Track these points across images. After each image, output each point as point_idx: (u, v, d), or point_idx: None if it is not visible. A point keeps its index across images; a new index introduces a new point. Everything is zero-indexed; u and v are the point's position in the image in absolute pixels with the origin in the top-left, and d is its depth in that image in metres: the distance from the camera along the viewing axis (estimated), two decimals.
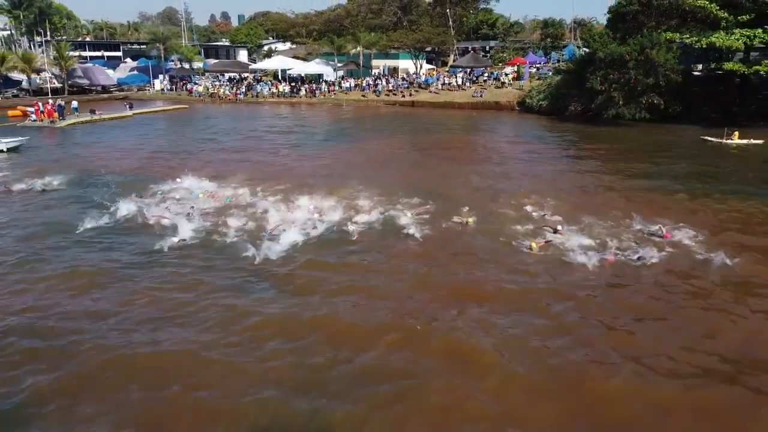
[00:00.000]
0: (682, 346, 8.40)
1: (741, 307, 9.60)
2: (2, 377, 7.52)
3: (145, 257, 11.68)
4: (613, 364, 7.97)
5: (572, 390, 7.36)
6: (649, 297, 10.04)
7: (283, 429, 6.65)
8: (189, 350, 8.18)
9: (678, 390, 7.34)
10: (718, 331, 8.88)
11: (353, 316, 9.31)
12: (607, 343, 8.56)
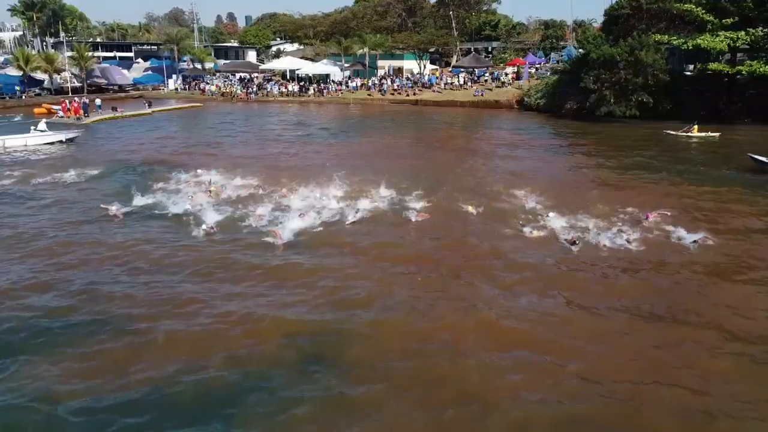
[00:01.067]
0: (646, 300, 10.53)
1: (698, 270, 11.71)
2: (109, 305, 9.69)
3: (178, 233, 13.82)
4: (575, 305, 10.10)
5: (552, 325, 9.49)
6: (632, 264, 11.87)
7: (308, 340, 8.74)
8: (233, 293, 10.33)
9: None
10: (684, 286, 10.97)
11: (361, 269, 11.45)
12: (587, 288, 10.69)
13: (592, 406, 7.11)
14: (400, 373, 7.79)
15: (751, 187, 19.15)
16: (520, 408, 7.09)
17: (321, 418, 6.86)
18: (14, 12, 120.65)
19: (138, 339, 8.63)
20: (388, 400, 7.20)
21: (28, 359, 8.03)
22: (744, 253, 12.41)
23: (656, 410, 6.98)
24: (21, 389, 7.32)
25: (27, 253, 12.19)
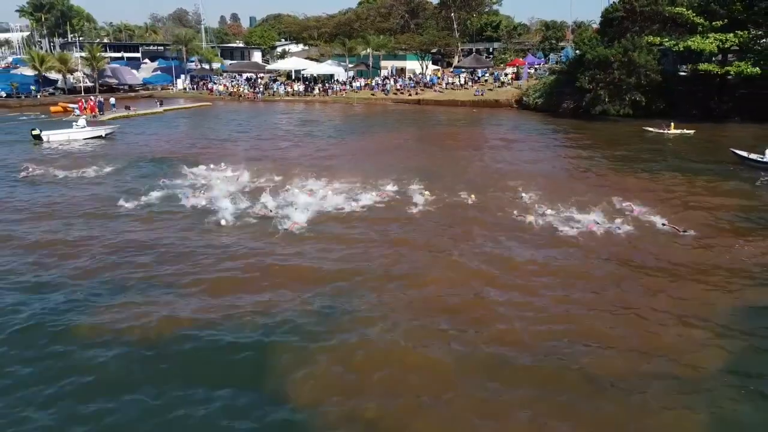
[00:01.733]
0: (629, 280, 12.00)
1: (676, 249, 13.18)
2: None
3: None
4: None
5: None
6: (618, 251, 13.34)
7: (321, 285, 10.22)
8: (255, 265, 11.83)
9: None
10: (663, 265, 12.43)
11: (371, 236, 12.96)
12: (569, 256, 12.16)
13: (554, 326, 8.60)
14: (399, 306, 9.28)
15: (731, 179, 20.76)
16: (503, 324, 8.59)
17: (336, 345, 8.34)
18: (23, 13, 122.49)
19: (191, 288, 10.19)
20: (386, 322, 8.69)
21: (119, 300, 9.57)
22: (712, 233, 13.87)
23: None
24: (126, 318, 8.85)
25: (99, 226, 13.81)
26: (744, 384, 7.69)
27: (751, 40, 34.60)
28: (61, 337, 8.80)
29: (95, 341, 8.66)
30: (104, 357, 8.23)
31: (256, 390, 7.51)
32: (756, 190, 19.51)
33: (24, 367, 8.03)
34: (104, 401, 7.23)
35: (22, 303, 9.93)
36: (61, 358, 8.27)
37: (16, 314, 9.53)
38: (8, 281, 10.88)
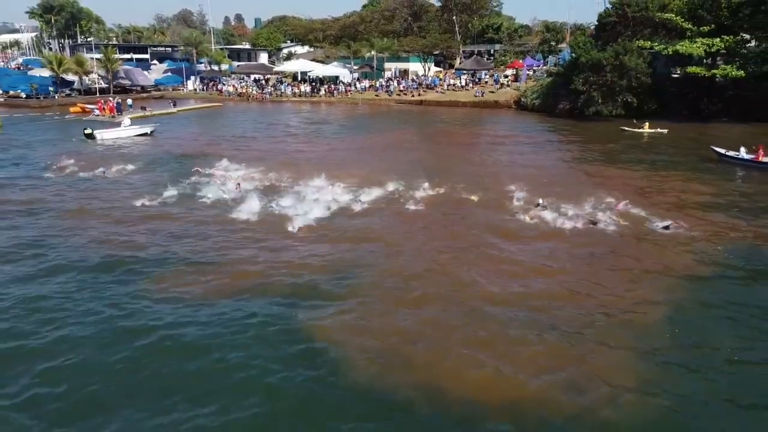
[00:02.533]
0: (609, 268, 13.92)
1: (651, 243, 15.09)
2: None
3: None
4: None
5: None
6: (598, 239, 15.25)
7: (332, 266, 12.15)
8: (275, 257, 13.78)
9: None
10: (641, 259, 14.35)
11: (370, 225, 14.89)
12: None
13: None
14: (398, 283, 11.24)
15: (708, 173, 22.71)
16: (492, 289, 10.52)
17: (344, 308, 10.29)
18: (32, 15, 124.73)
19: (228, 268, 12.15)
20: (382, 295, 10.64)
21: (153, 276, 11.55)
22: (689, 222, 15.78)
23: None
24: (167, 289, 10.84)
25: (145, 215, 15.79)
26: (675, 334, 9.63)
27: (737, 44, 36.40)
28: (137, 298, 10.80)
29: (161, 302, 10.65)
30: (173, 317, 10.21)
31: (288, 333, 9.47)
32: (728, 184, 21.37)
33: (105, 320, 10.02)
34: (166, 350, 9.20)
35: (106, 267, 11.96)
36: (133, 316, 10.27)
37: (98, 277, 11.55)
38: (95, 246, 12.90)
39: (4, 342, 9.21)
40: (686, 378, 8.33)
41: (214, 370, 8.47)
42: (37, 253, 13.11)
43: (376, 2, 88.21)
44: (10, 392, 7.92)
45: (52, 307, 10.44)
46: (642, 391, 7.94)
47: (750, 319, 10.15)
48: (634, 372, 8.42)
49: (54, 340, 9.27)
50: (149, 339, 9.28)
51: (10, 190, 19.35)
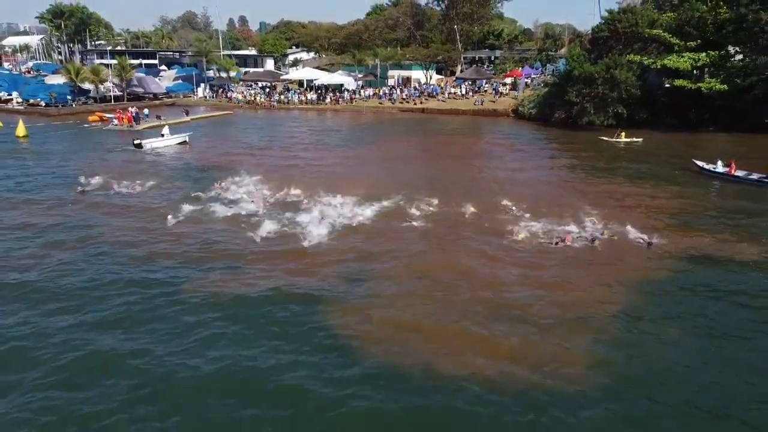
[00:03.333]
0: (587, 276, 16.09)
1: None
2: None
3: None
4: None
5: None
6: (579, 253, 17.51)
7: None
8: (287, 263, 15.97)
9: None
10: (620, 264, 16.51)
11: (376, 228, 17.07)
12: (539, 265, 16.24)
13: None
14: (405, 280, 13.43)
15: (689, 186, 24.79)
16: (482, 294, 12.71)
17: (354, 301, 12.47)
18: (42, 19, 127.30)
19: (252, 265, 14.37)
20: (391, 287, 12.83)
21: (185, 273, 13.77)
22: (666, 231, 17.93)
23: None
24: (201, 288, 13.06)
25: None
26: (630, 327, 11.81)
27: (722, 59, 38.50)
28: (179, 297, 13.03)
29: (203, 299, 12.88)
30: (211, 313, 12.44)
31: (309, 314, 11.68)
32: (702, 196, 23.27)
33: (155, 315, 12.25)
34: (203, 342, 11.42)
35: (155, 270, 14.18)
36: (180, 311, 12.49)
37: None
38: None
39: (91, 336, 11.44)
40: (627, 360, 10.49)
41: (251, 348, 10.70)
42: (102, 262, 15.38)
43: (379, 10, 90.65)
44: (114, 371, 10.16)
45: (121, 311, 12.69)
46: (590, 368, 10.11)
47: (693, 318, 12.32)
48: (588, 354, 10.59)
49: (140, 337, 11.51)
50: (201, 331, 11.51)
51: (70, 202, 21.46)
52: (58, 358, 10.49)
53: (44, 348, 10.80)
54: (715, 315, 12.34)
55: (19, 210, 20.33)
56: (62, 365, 10.27)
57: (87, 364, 10.31)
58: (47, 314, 12.19)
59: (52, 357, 10.51)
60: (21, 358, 10.48)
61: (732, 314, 12.41)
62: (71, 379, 9.89)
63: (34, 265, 14.87)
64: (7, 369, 10.15)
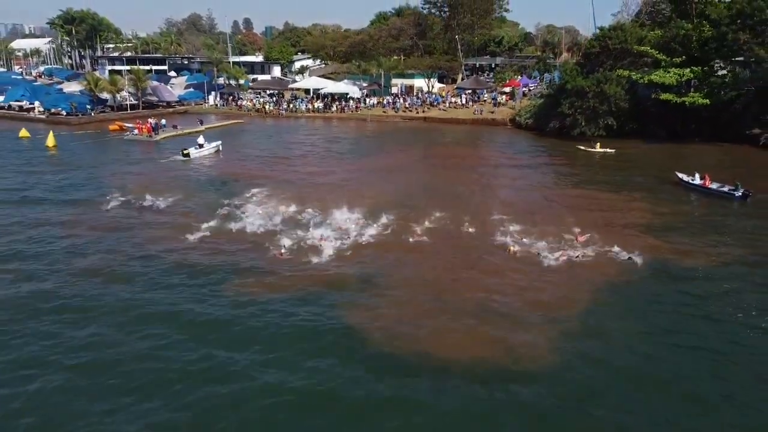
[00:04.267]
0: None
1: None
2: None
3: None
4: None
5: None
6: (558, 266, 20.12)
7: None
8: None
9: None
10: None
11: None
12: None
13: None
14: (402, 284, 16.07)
15: (668, 197, 27.29)
16: (471, 295, 15.32)
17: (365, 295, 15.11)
18: (53, 25, 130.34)
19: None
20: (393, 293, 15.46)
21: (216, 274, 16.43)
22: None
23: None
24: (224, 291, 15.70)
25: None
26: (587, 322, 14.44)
27: (705, 74, 41.04)
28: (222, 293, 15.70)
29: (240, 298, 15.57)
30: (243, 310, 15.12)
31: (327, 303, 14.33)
32: (679, 207, 25.71)
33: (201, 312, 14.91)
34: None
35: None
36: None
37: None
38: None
39: (148, 331, 14.11)
40: (584, 346, 13.11)
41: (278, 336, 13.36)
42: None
43: (383, 18, 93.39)
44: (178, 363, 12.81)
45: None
46: (551, 352, 12.74)
47: (644, 316, 14.94)
48: (549, 342, 13.22)
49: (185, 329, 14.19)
50: (234, 326, 14.19)
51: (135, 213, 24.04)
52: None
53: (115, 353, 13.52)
54: (659, 313, 15.00)
55: (62, 218, 23.00)
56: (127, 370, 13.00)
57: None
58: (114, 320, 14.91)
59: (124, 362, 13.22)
60: (94, 373, 12.82)
61: (675, 312, 15.07)
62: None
63: (92, 273, 17.57)
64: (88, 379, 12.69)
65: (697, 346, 13.27)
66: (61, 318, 14.45)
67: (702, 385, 11.74)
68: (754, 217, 23.89)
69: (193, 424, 10.51)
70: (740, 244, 20.19)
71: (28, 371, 12.08)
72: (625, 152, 39.77)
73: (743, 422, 10.63)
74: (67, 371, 12.11)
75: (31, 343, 13.24)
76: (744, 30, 38.01)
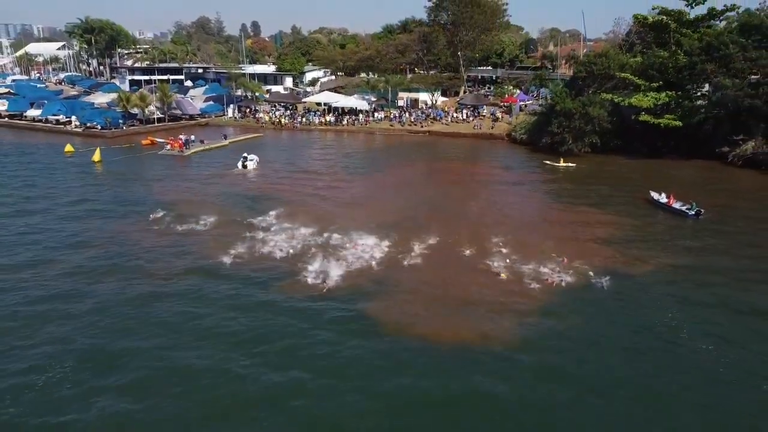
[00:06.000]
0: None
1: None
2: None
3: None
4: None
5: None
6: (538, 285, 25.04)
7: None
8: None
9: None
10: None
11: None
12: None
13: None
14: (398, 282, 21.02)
15: (635, 212, 32.17)
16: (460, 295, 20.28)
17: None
18: (73, 34, 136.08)
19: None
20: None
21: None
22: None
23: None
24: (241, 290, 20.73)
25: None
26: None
27: (678, 98, 45.85)
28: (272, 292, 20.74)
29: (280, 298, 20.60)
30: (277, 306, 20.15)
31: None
32: (645, 224, 30.54)
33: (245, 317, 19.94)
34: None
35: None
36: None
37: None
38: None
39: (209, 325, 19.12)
40: (539, 333, 18.05)
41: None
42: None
43: (389, 32, 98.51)
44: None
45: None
46: (512, 336, 17.71)
47: (595, 314, 19.87)
48: (512, 333, 18.18)
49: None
50: (275, 322, 19.23)
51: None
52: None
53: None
54: (605, 313, 19.99)
55: (119, 230, 27.92)
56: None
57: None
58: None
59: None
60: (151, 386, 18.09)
61: (617, 311, 20.08)
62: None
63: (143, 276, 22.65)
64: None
65: (619, 334, 18.29)
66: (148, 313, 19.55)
67: (625, 369, 16.74)
68: (699, 232, 28.79)
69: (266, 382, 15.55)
70: (679, 255, 25.15)
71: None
72: (606, 169, 44.79)
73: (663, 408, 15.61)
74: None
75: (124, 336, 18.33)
76: (711, 61, 42.74)
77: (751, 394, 15.08)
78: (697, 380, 15.75)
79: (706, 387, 15.47)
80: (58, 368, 15.84)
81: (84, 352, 16.81)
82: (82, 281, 21.83)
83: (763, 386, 15.41)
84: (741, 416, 14.27)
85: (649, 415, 14.28)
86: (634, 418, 14.20)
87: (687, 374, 15.98)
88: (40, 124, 65.65)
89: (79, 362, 16.21)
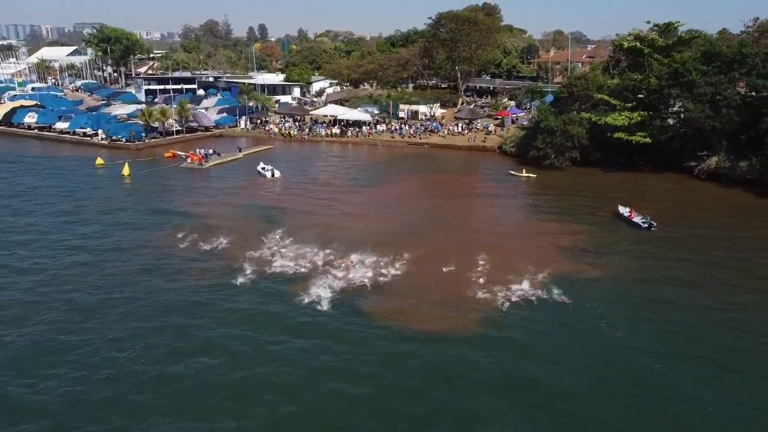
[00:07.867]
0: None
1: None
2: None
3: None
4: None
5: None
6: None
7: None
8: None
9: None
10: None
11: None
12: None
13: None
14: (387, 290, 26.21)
15: (600, 224, 37.28)
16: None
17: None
18: (89, 43, 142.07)
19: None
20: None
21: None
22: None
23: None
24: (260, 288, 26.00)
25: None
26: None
27: (649, 118, 50.78)
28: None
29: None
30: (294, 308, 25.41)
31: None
32: (603, 233, 35.72)
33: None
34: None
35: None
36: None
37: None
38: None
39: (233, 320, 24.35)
40: (500, 324, 23.19)
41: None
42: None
43: (391, 44, 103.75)
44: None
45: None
46: (476, 325, 22.86)
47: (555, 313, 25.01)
48: (480, 326, 23.33)
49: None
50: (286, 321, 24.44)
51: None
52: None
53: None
54: (556, 315, 25.17)
55: (153, 243, 33.18)
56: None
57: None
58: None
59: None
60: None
61: (574, 309, 25.24)
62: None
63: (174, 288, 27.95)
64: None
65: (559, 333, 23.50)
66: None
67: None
68: (649, 243, 33.86)
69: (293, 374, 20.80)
70: (625, 263, 30.29)
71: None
72: (582, 181, 49.86)
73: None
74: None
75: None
76: (677, 86, 47.71)
77: (677, 367, 20.25)
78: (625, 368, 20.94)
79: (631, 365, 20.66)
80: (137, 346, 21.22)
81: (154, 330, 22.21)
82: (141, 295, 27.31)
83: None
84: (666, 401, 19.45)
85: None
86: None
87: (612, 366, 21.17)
88: (68, 137, 71.11)
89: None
